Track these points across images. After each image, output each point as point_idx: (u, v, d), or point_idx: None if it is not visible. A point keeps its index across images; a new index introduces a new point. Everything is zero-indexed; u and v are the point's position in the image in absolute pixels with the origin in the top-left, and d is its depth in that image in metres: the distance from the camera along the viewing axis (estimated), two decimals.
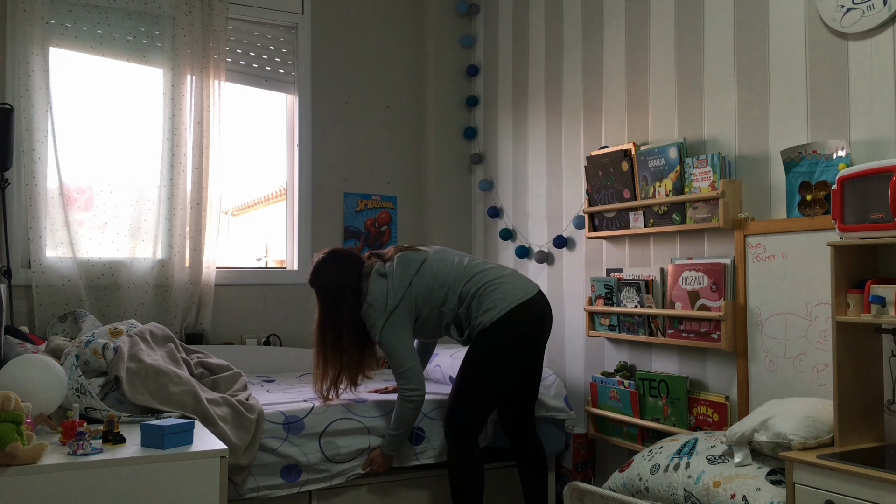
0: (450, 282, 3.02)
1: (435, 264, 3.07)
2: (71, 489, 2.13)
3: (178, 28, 3.95)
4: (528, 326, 2.97)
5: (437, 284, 3.02)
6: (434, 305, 3.03)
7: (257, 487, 2.90)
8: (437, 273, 3.04)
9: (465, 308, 3.00)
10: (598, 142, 3.66)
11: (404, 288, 3.00)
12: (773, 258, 2.75)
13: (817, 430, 2.30)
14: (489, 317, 2.92)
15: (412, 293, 3.01)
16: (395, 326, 2.98)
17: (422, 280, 3.03)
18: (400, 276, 3.02)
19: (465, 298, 2.99)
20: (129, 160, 3.88)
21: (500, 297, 2.94)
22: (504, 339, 2.94)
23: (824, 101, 2.64)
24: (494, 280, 2.99)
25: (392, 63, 4.64)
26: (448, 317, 3.05)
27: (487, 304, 2.94)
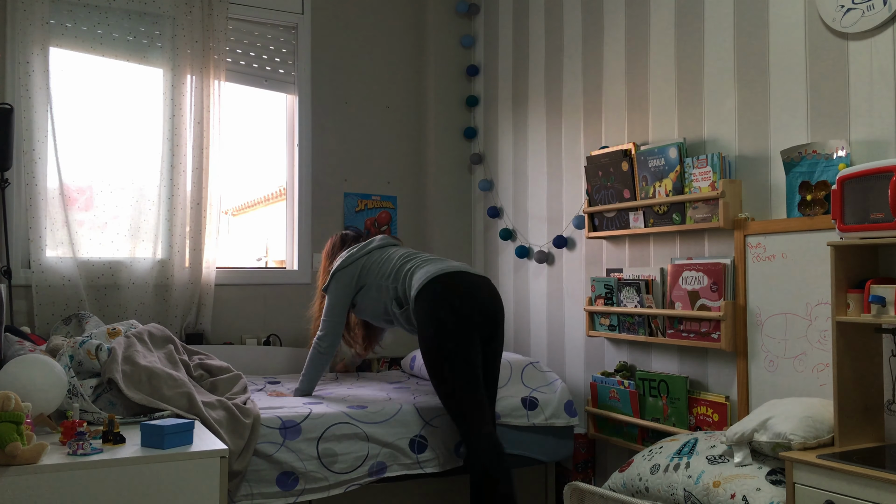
0: (395, 261, 3.30)
1: (393, 250, 3.41)
2: (71, 489, 2.13)
3: (178, 28, 3.95)
4: (454, 290, 3.06)
5: (385, 260, 3.33)
6: (375, 277, 3.30)
7: (251, 495, 2.85)
8: (389, 254, 3.37)
9: (401, 283, 3.20)
10: (598, 142, 3.66)
11: (358, 256, 3.38)
12: (773, 258, 2.75)
13: (817, 430, 2.30)
14: (415, 289, 3.09)
15: (361, 262, 3.37)
16: (338, 282, 3.36)
17: (374, 255, 3.38)
18: (359, 248, 3.43)
19: (401, 275, 3.22)
20: (129, 160, 3.88)
21: (425, 270, 3.13)
22: (430, 306, 3.03)
23: (824, 101, 2.64)
24: (428, 260, 3.23)
25: (392, 63, 4.64)
26: (387, 291, 3.25)
27: (416, 278, 3.14)
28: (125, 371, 2.74)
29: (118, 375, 2.70)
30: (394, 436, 3.10)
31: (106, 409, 2.69)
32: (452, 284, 3.07)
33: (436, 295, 3.05)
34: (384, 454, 3.08)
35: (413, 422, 3.16)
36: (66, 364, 2.67)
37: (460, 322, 3.01)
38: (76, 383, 2.62)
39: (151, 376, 2.77)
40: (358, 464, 3.03)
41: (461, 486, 3.34)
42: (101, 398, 2.72)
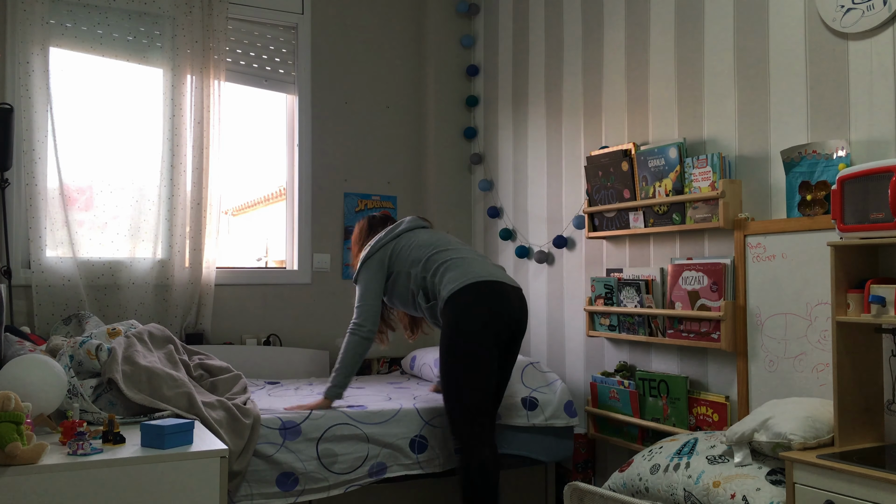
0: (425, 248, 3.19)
1: (423, 233, 3.29)
2: (71, 489, 2.13)
3: (178, 28, 3.95)
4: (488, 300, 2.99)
5: (415, 246, 3.21)
6: (404, 264, 3.19)
7: (251, 495, 2.86)
8: (419, 239, 3.24)
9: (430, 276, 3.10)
10: (598, 142, 3.66)
11: (385, 241, 3.26)
12: (773, 258, 2.75)
13: (817, 430, 2.30)
14: (448, 290, 3.00)
15: (390, 248, 3.25)
16: (368, 270, 3.24)
17: (403, 240, 3.26)
18: (386, 233, 3.31)
19: (431, 267, 3.12)
20: (129, 160, 3.88)
21: (461, 272, 3.03)
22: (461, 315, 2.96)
23: (824, 101, 2.64)
24: (462, 258, 3.12)
25: (392, 63, 4.64)
26: (415, 281, 3.15)
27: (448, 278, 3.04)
28: (125, 371, 2.74)
29: (118, 375, 2.70)
30: (394, 436, 3.10)
31: (106, 409, 2.69)
32: (488, 296, 2.99)
33: (469, 305, 2.97)
34: (384, 454, 3.08)
35: (413, 422, 3.16)
36: (66, 364, 2.67)
37: (488, 337, 2.97)
38: (76, 383, 2.62)
39: (151, 376, 2.77)
40: (358, 464, 3.03)
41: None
42: (101, 398, 2.72)
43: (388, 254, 3.24)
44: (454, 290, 2.98)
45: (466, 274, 3.02)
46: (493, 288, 3.01)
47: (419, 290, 3.15)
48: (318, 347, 4.30)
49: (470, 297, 2.98)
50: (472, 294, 2.98)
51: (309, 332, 4.31)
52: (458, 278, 3.01)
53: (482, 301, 2.98)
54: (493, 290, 3.01)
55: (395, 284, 3.24)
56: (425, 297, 3.15)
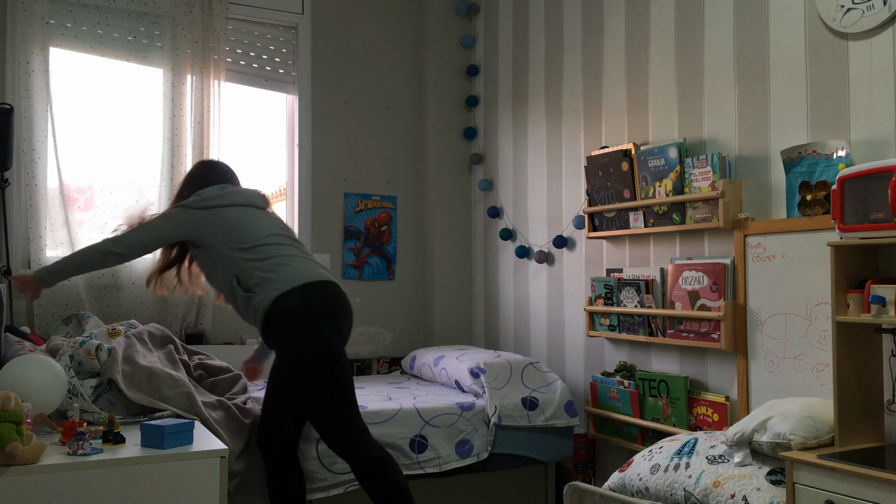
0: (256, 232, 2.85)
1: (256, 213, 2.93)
2: (71, 489, 2.13)
3: (178, 28, 3.95)
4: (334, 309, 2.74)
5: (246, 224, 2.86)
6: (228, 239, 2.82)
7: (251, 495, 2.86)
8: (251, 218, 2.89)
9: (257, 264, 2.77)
10: (598, 142, 3.66)
11: (213, 205, 2.88)
12: (773, 258, 2.75)
13: (817, 430, 2.30)
14: (283, 287, 2.70)
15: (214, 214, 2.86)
16: (177, 217, 2.89)
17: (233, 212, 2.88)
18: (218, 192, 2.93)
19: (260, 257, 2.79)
20: (129, 160, 3.88)
21: (300, 268, 2.76)
22: (310, 320, 2.68)
23: (824, 101, 2.64)
24: (294, 256, 2.82)
25: (392, 63, 4.64)
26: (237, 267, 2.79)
27: (285, 273, 2.74)
28: (125, 371, 2.74)
29: (118, 375, 2.70)
30: (393, 436, 3.10)
31: (106, 409, 2.69)
32: (336, 300, 2.76)
33: (318, 308, 2.70)
34: None
35: (413, 422, 3.16)
36: (66, 364, 2.67)
37: (341, 343, 2.75)
38: (76, 383, 2.62)
39: (151, 376, 2.77)
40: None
41: (461, 487, 3.34)
42: (101, 398, 2.72)
43: (210, 218, 2.85)
44: (292, 288, 2.69)
45: (305, 273, 2.74)
46: (337, 291, 2.79)
47: (234, 276, 2.80)
48: None
49: (317, 299, 2.72)
50: (317, 297, 2.73)
51: None
52: (296, 275, 2.72)
53: (332, 308, 2.74)
54: (339, 293, 2.79)
55: (209, 258, 2.87)
56: (242, 287, 2.79)
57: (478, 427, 3.28)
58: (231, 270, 2.82)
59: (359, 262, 4.47)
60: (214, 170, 3.12)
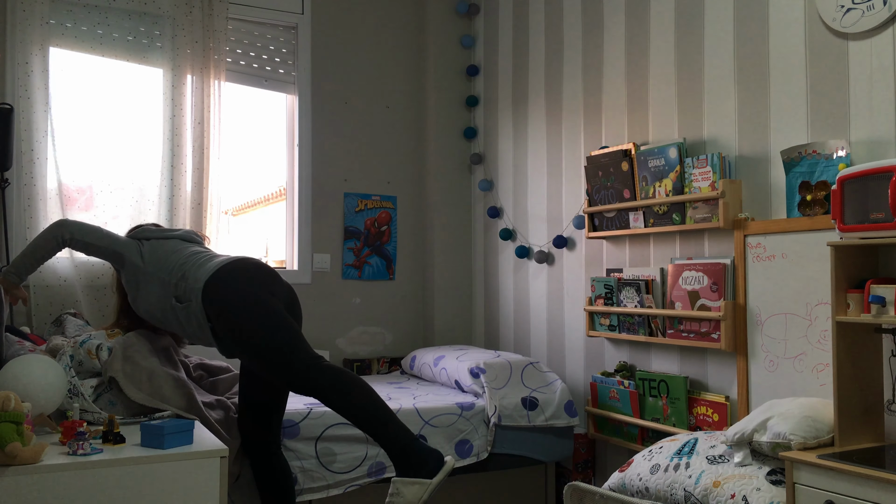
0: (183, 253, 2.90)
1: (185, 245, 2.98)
2: (71, 489, 2.13)
3: (178, 28, 3.95)
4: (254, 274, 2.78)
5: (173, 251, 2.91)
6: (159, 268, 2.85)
7: (250, 495, 2.87)
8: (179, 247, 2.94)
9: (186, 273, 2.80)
10: (598, 142, 3.66)
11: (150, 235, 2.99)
12: (773, 258, 2.75)
13: (817, 430, 2.30)
14: (208, 274, 2.73)
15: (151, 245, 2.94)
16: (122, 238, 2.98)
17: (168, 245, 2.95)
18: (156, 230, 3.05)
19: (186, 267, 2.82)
20: (129, 160, 3.88)
21: (221, 259, 2.82)
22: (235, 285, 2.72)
23: (824, 101, 2.64)
24: (219, 257, 2.87)
25: (392, 63, 4.64)
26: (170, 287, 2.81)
27: (208, 266, 2.78)
28: (126, 371, 2.74)
29: (119, 375, 2.70)
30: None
31: (106, 408, 2.69)
32: (255, 268, 2.82)
33: (238, 274, 2.75)
34: (383, 454, 3.08)
35: (413, 422, 3.16)
36: (67, 364, 2.67)
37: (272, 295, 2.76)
38: (77, 383, 2.62)
39: (152, 376, 2.76)
40: (357, 464, 3.03)
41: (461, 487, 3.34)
42: (102, 398, 2.72)
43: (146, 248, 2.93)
44: (215, 269, 2.74)
45: (226, 259, 2.81)
46: (258, 263, 2.86)
47: (172, 296, 2.81)
48: (317, 347, 4.29)
49: (238, 272, 2.76)
50: (237, 270, 2.77)
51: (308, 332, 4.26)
52: (217, 263, 2.78)
53: (252, 274, 2.79)
54: (259, 265, 2.85)
55: (144, 291, 2.88)
56: (178, 298, 2.80)
57: (478, 427, 3.28)
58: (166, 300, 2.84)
59: (359, 262, 4.47)
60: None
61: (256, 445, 2.86)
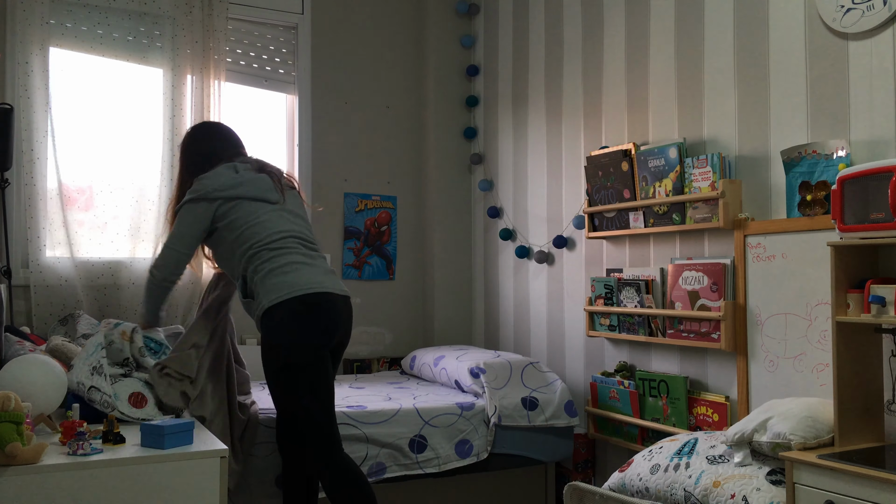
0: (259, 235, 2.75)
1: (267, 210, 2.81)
2: (71, 489, 2.13)
3: (178, 28, 3.95)
4: (309, 318, 2.66)
5: (256, 222, 2.77)
6: (231, 234, 2.77)
7: (250, 495, 2.87)
8: (261, 217, 2.78)
9: (252, 271, 2.73)
10: (598, 142, 3.66)
11: (230, 196, 2.78)
12: (773, 258, 2.75)
13: (817, 430, 2.30)
14: (269, 301, 2.65)
15: (225, 207, 2.78)
16: (193, 210, 2.79)
17: (245, 207, 2.79)
18: (234, 184, 2.80)
19: (255, 262, 2.73)
20: (129, 160, 3.88)
21: (288, 280, 2.67)
22: (281, 326, 2.64)
23: (824, 101, 2.64)
24: (294, 263, 2.72)
25: (392, 63, 4.64)
26: (241, 266, 2.77)
27: (271, 284, 2.67)
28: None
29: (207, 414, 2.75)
30: (393, 436, 3.10)
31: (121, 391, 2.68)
32: (316, 312, 2.67)
33: (293, 324, 2.64)
34: (383, 455, 3.08)
35: (412, 422, 3.16)
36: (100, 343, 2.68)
37: (318, 352, 2.68)
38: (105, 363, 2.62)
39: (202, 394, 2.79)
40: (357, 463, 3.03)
41: (461, 487, 3.34)
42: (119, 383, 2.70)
43: (219, 212, 2.79)
44: (275, 302, 2.64)
45: (291, 286, 2.66)
46: (317, 301, 2.67)
47: (240, 276, 2.78)
48: None
49: (294, 314, 2.64)
50: (295, 312, 2.64)
51: None
52: (280, 290, 2.65)
53: (308, 324, 2.66)
54: (318, 303, 2.68)
55: (218, 252, 2.87)
56: (242, 291, 2.78)
57: (478, 427, 3.28)
58: (235, 271, 2.81)
59: (359, 262, 4.47)
60: (218, 139, 3.00)
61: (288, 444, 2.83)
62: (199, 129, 3.07)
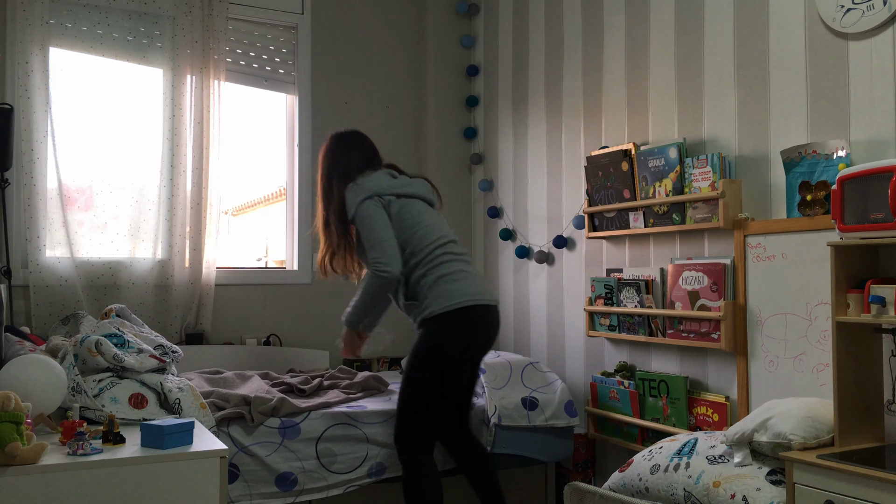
0: (429, 237, 2.88)
1: (430, 213, 2.97)
2: (71, 489, 2.13)
3: (178, 28, 3.95)
4: (476, 327, 2.85)
5: (423, 225, 2.89)
6: (408, 236, 2.87)
7: (250, 495, 2.87)
8: (427, 219, 2.92)
9: (423, 273, 2.85)
10: (598, 142, 3.66)
11: (401, 194, 2.91)
12: (773, 258, 2.75)
13: (817, 430, 2.30)
14: (441, 306, 2.79)
15: (396, 206, 2.89)
16: (373, 207, 2.86)
17: (412, 206, 2.92)
18: (405, 184, 2.96)
19: (428, 265, 2.85)
20: (129, 160, 3.88)
21: (457, 288, 2.82)
22: (449, 333, 2.82)
23: (824, 101, 2.64)
24: (460, 270, 2.87)
25: (392, 63, 4.64)
26: (406, 265, 2.89)
27: (441, 291, 2.81)
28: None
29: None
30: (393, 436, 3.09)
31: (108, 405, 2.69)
32: (477, 322, 2.85)
33: (458, 332, 2.83)
34: (383, 455, 3.08)
35: None
36: (71, 363, 2.67)
37: (469, 364, 2.93)
38: (80, 380, 2.62)
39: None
40: (357, 464, 3.03)
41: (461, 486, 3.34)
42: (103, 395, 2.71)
43: (389, 210, 2.89)
44: (447, 309, 2.80)
45: (463, 293, 2.82)
46: (483, 313, 2.86)
47: (404, 277, 2.90)
48: (317, 347, 4.30)
49: (462, 324, 2.83)
50: (462, 318, 2.82)
51: (309, 332, 4.31)
52: (451, 297, 2.81)
53: (471, 327, 2.84)
54: (483, 315, 2.86)
55: None
56: (405, 292, 2.92)
57: (478, 427, 3.28)
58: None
59: None
60: (367, 147, 3.09)
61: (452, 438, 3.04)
62: (348, 137, 3.12)
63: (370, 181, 2.93)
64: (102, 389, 2.72)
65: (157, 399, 2.76)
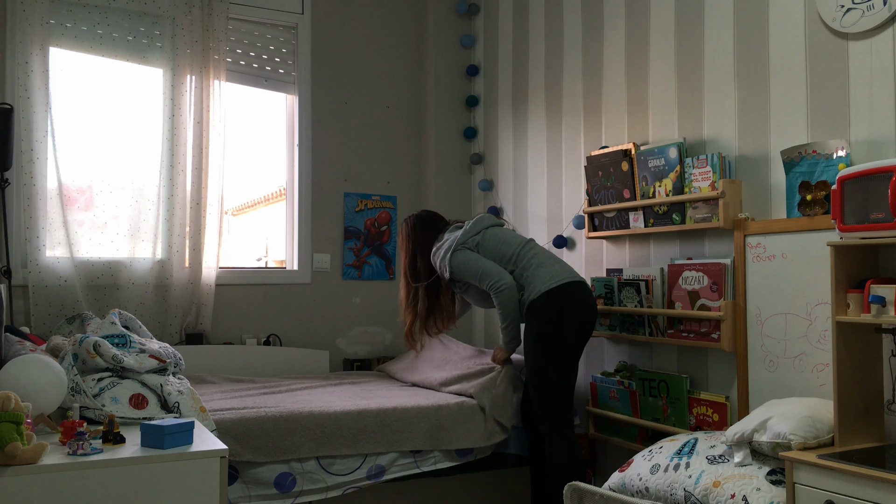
0: (511, 245, 3.31)
1: (502, 231, 3.42)
2: (71, 489, 2.13)
3: (178, 28, 3.95)
4: (577, 308, 3.16)
5: (502, 241, 3.33)
6: (492, 258, 3.28)
7: (249, 496, 2.86)
8: (503, 235, 3.38)
9: (521, 270, 3.23)
10: (598, 142, 3.66)
11: (474, 233, 3.34)
12: (773, 258, 2.75)
13: (817, 430, 2.30)
14: (545, 286, 3.13)
15: (476, 241, 3.33)
16: (464, 252, 3.30)
17: (489, 234, 3.36)
18: (472, 224, 3.39)
19: (521, 262, 3.25)
20: (129, 160, 3.88)
21: (554, 270, 3.18)
22: (557, 315, 3.12)
23: (824, 101, 2.64)
24: (549, 257, 3.28)
25: (392, 63, 4.64)
26: (504, 268, 3.27)
27: (542, 273, 3.17)
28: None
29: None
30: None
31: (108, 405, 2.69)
32: (580, 298, 3.17)
33: (565, 306, 3.14)
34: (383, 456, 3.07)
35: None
36: (70, 363, 2.67)
37: (580, 338, 3.18)
38: (79, 380, 2.62)
39: None
40: (356, 466, 3.03)
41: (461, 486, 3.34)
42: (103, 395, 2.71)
43: (474, 246, 3.33)
44: (550, 288, 3.12)
45: (559, 274, 3.16)
46: (581, 289, 3.19)
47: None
48: (318, 347, 4.30)
49: (566, 299, 3.14)
50: (566, 297, 3.14)
51: (309, 332, 4.31)
52: (552, 277, 3.15)
53: (576, 307, 3.16)
54: (583, 292, 3.19)
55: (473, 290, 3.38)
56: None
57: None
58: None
59: (359, 262, 4.47)
60: (442, 221, 3.57)
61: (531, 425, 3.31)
62: (427, 218, 3.58)
63: (446, 242, 3.37)
64: (103, 389, 2.72)
65: (158, 400, 2.75)
